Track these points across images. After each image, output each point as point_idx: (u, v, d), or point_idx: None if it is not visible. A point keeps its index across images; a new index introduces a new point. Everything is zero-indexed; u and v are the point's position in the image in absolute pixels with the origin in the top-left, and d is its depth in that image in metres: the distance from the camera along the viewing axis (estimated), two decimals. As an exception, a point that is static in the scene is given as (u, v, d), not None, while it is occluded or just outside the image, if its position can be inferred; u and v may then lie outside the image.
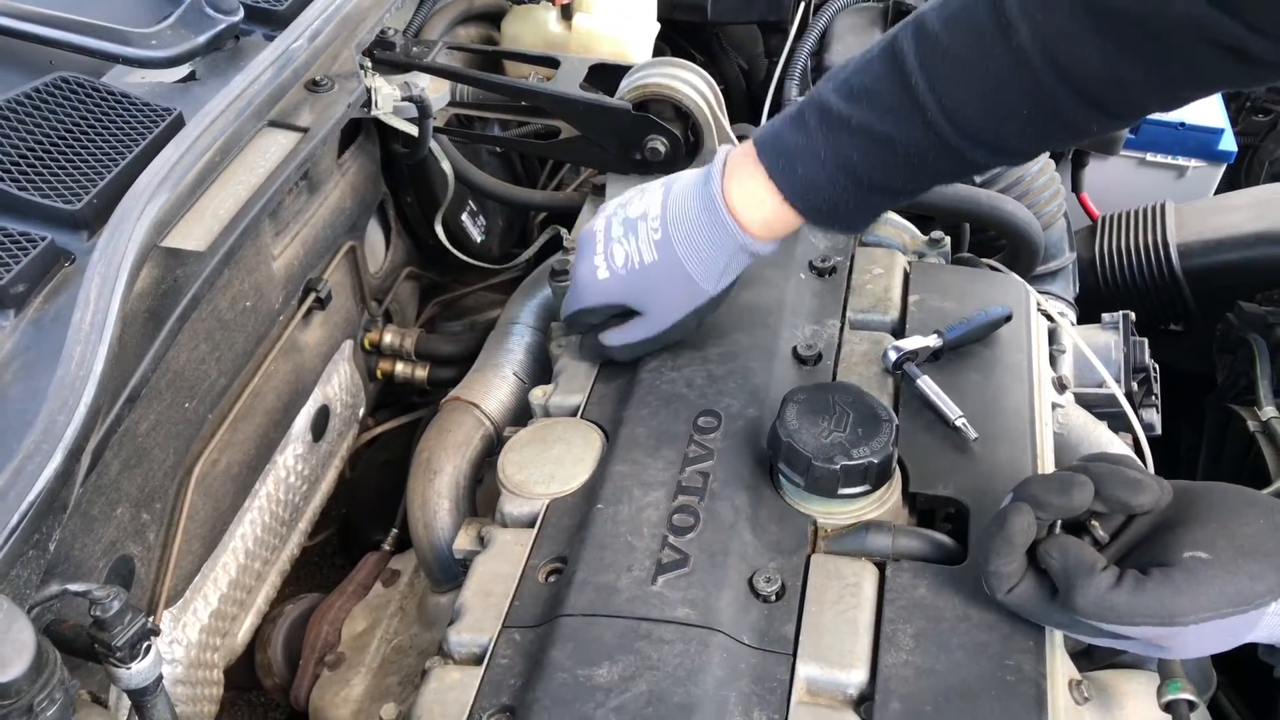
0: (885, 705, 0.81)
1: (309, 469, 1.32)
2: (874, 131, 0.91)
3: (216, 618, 1.16)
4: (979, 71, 0.87)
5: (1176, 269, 1.54)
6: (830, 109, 0.94)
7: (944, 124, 0.89)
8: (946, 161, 0.92)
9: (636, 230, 1.02)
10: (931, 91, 0.88)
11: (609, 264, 1.03)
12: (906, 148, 0.91)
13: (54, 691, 0.67)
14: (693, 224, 1.00)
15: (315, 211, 1.24)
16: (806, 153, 0.95)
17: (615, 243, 1.03)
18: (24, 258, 0.83)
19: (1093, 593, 0.78)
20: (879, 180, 0.94)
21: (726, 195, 0.98)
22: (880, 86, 0.91)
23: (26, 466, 0.68)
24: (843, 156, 0.93)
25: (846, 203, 0.96)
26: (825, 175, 0.94)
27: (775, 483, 0.98)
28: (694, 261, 1.01)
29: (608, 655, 0.85)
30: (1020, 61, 0.85)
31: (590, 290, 1.06)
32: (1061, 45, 0.83)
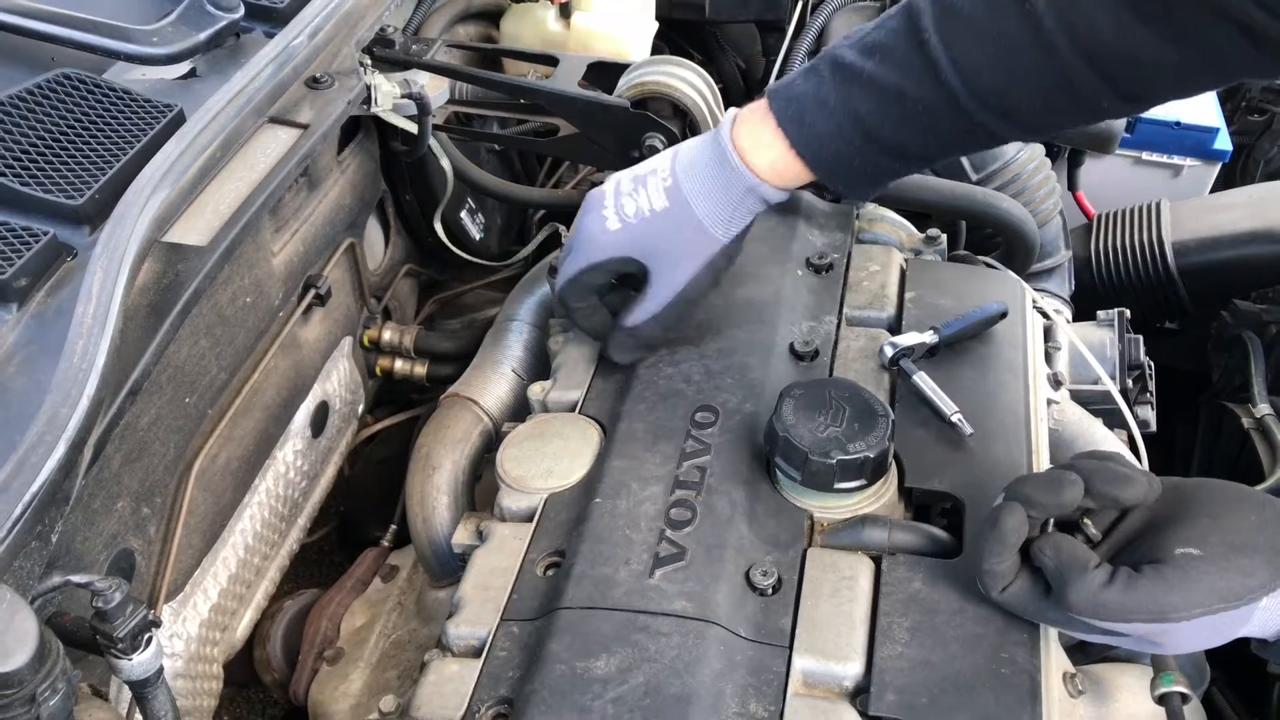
0: (881, 697, 0.82)
1: (308, 465, 1.32)
2: (885, 84, 0.92)
3: (216, 612, 1.16)
4: (993, 33, 0.88)
5: (1172, 267, 1.55)
6: (843, 61, 0.95)
7: (956, 82, 0.90)
8: (955, 122, 0.92)
9: (646, 183, 1.02)
10: (945, 49, 0.89)
11: (620, 215, 1.02)
12: (916, 102, 0.92)
13: (56, 682, 0.67)
14: (702, 168, 1.01)
15: (315, 208, 1.25)
16: (815, 101, 0.96)
17: (625, 196, 1.03)
18: (26, 252, 0.83)
19: (1086, 590, 0.78)
20: (886, 135, 0.94)
21: (735, 139, 0.99)
22: (894, 42, 0.92)
23: (30, 458, 0.68)
24: (851, 106, 0.94)
25: (852, 159, 0.96)
26: (833, 125, 0.95)
27: (772, 477, 0.99)
28: (703, 203, 1.00)
29: (605, 647, 0.85)
30: (1035, 26, 0.85)
31: (597, 244, 1.04)
32: (1077, 12, 0.84)
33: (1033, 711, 0.80)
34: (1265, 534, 0.78)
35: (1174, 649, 0.82)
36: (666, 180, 1.02)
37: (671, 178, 1.01)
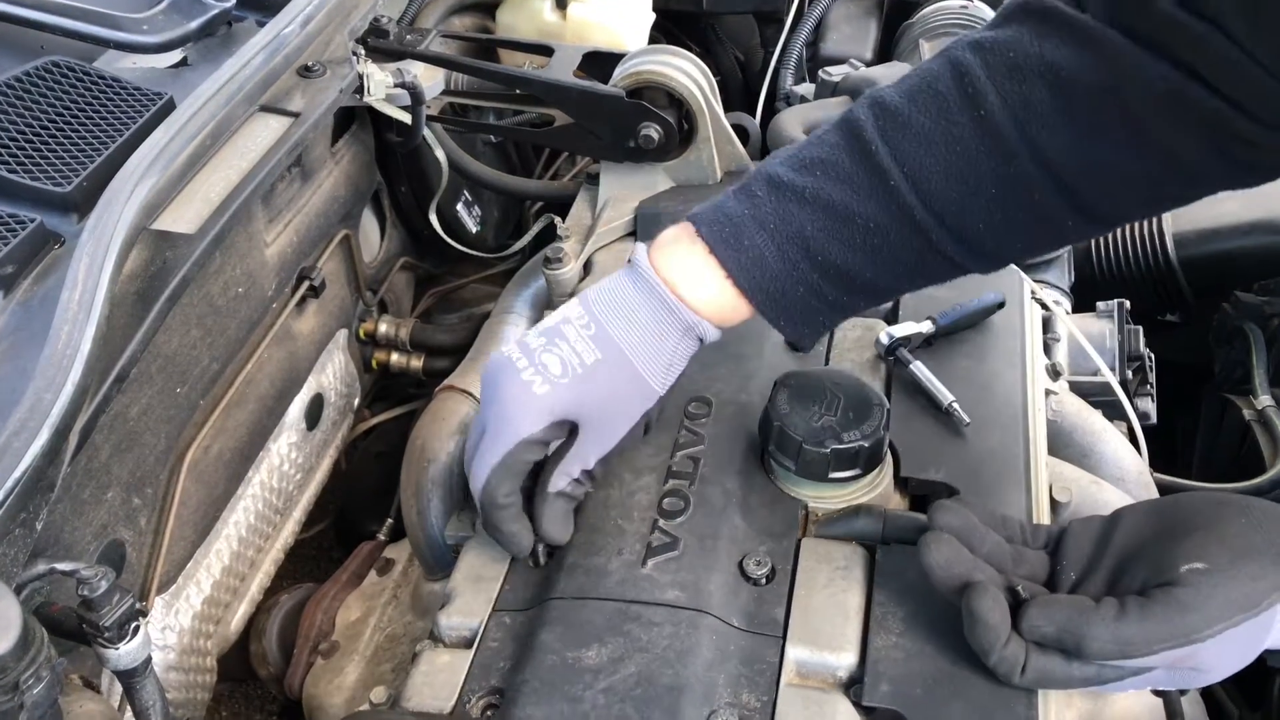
0: (875, 687, 0.81)
1: (303, 458, 1.31)
2: (831, 201, 0.83)
3: (210, 605, 1.16)
4: (944, 140, 0.80)
5: (1172, 258, 1.53)
6: (779, 179, 0.85)
7: (908, 192, 0.81)
8: (910, 241, 0.83)
9: (563, 334, 0.89)
10: (894, 159, 0.81)
11: (544, 375, 0.87)
12: (866, 220, 0.83)
13: (40, 669, 0.67)
14: (629, 309, 0.88)
15: (309, 199, 1.24)
16: (753, 221, 0.85)
17: (542, 353, 0.88)
18: (13, 239, 0.83)
19: (1104, 632, 0.74)
20: (834, 258, 0.84)
21: (660, 270, 0.87)
22: (835, 156, 0.83)
23: (12, 444, 0.68)
24: (794, 227, 0.84)
25: (796, 287, 0.85)
26: (775, 247, 0.84)
27: (766, 468, 0.98)
28: (639, 351, 0.88)
29: (597, 637, 0.85)
30: (989, 131, 0.79)
31: (524, 414, 0.87)
32: (1033, 119, 0.77)
33: (1029, 702, 0.80)
34: (1261, 535, 0.76)
35: (1211, 676, 0.77)
36: (589, 328, 0.88)
37: (594, 324, 0.88)
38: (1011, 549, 0.82)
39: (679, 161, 1.29)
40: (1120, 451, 1.14)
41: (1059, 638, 0.76)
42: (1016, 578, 0.81)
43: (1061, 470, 1.07)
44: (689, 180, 1.30)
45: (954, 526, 0.81)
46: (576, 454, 0.90)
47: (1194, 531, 0.77)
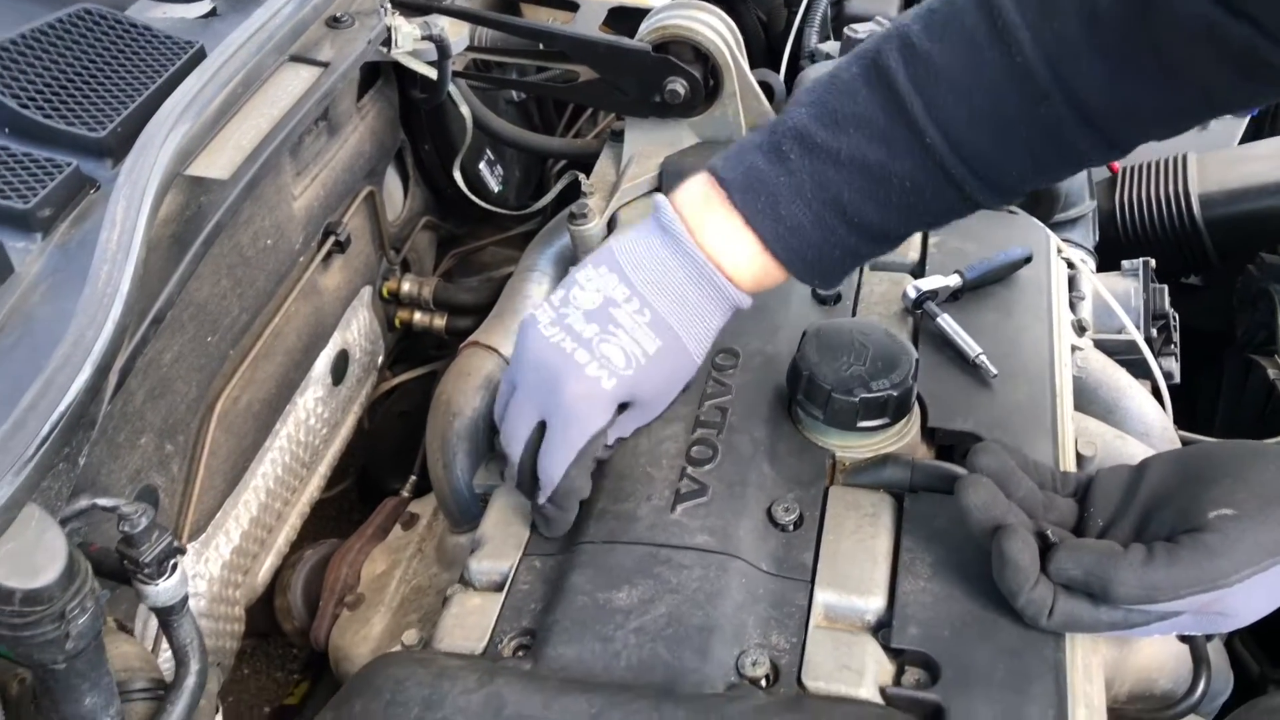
0: (903, 630, 0.82)
1: (329, 412, 1.33)
2: (868, 163, 0.81)
3: (238, 554, 1.17)
4: (974, 85, 0.79)
5: (1198, 218, 1.53)
6: (812, 138, 0.82)
7: (944, 150, 0.80)
8: (945, 195, 0.83)
9: (617, 321, 0.87)
10: (928, 114, 0.79)
11: (610, 370, 0.87)
12: (904, 180, 0.82)
13: (85, 600, 0.68)
14: (676, 286, 0.87)
15: (335, 154, 1.24)
16: (789, 190, 0.83)
17: (601, 344, 0.87)
18: (50, 183, 0.84)
19: (1131, 576, 0.74)
20: (871, 220, 0.84)
21: (707, 249, 0.86)
22: (871, 112, 0.81)
23: (56, 378, 0.69)
24: (831, 193, 0.82)
25: (833, 249, 0.85)
26: (811, 215, 0.83)
27: (793, 417, 0.99)
28: (689, 330, 0.89)
29: (627, 579, 0.86)
30: (1020, 73, 0.77)
31: (594, 410, 0.87)
32: (1066, 56, 0.76)
33: (1056, 645, 0.80)
34: None
35: (1237, 621, 0.78)
36: (643, 313, 0.87)
37: (647, 308, 0.87)
38: (1042, 495, 0.83)
39: (704, 117, 1.29)
40: (1145, 407, 1.15)
41: (1086, 581, 0.76)
42: (1046, 523, 0.81)
43: (1086, 425, 1.07)
44: (714, 137, 1.30)
45: (992, 469, 0.81)
46: (620, 427, 0.93)
47: (1223, 479, 0.78)
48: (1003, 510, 0.79)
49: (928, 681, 0.79)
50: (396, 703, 0.79)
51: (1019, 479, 0.82)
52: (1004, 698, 0.77)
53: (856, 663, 0.80)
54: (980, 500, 0.79)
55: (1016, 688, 0.77)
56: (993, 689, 0.77)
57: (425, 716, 0.77)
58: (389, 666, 0.83)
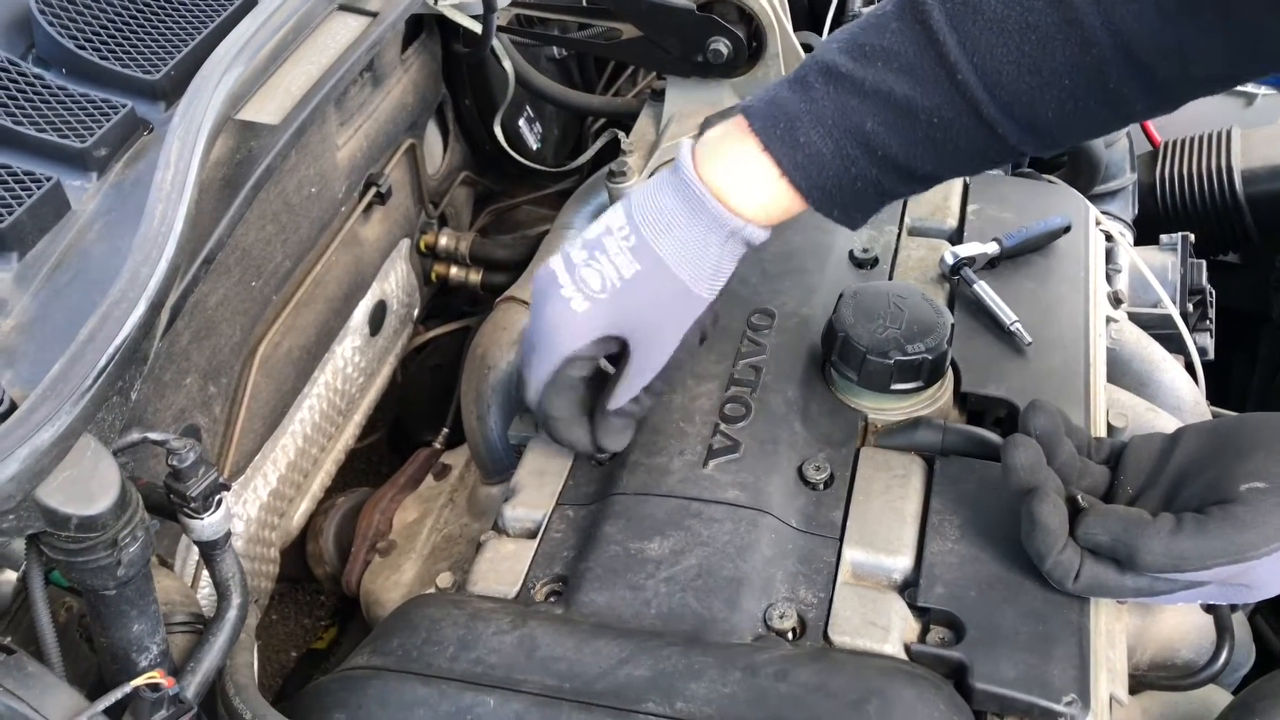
0: (930, 589, 0.83)
1: (365, 362, 1.35)
2: (893, 95, 0.79)
3: (275, 497, 1.20)
4: (1020, 26, 0.75)
5: (1239, 194, 1.51)
6: (837, 69, 0.80)
7: (977, 87, 0.77)
8: (975, 135, 0.80)
9: (603, 246, 0.87)
10: (963, 49, 0.76)
11: (584, 291, 0.87)
12: (930, 115, 0.79)
13: (136, 529, 0.70)
14: (669, 217, 0.85)
15: (378, 105, 1.25)
16: (810, 117, 0.81)
17: (583, 268, 0.87)
18: (106, 123, 0.85)
19: (1158, 545, 0.75)
20: (895, 154, 0.81)
21: (704, 175, 0.84)
22: (900, 46, 0.79)
23: (113, 313, 0.70)
24: (853, 122, 0.80)
25: (854, 181, 0.83)
26: (832, 144, 0.81)
27: (827, 379, 1.00)
28: (681, 260, 0.86)
29: (659, 531, 0.87)
30: (1068, 18, 0.74)
31: (567, 331, 0.88)
32: (1118, 2, 0.73)
33: (1080, 610, 0.81)
34: None
35: (1262, 593, 0.79)
36: (628, 239, 0.86)
37: (634, 234, 0.86)
38: (1077, 460, 0.83)
39: (746, 78, 1.29)
40: (1178, 381, 1.15)
41: (1113, 547, 0.77)
42: (1077, 489, 0.82)
43: (1119, 397, 1.07)
44: (755, 98, 1.30)
45: (1043, 428, 0.82)
46: (632, 370, 0.90)
47: (1256, 451, 0.78)
48: (1043, 474, 0.80)
49: (952, 640, 0.81)
50: (432, 641, 0.81)
51: (1063, 443, 0.83)
52: (1027, 659, 0.78)
53: (883, 619, 0.81)
54: (1024, 461, 0.80)
55: (1040, 650, 0.78)
56: (1016, 650, 0.78)
57: (460, 655, 0.79)
58: (425, 607, 0.85)
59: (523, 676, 0.77)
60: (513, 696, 0.75)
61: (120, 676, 0.74)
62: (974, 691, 0.77)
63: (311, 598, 1.60)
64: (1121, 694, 0.84)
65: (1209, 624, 0.92)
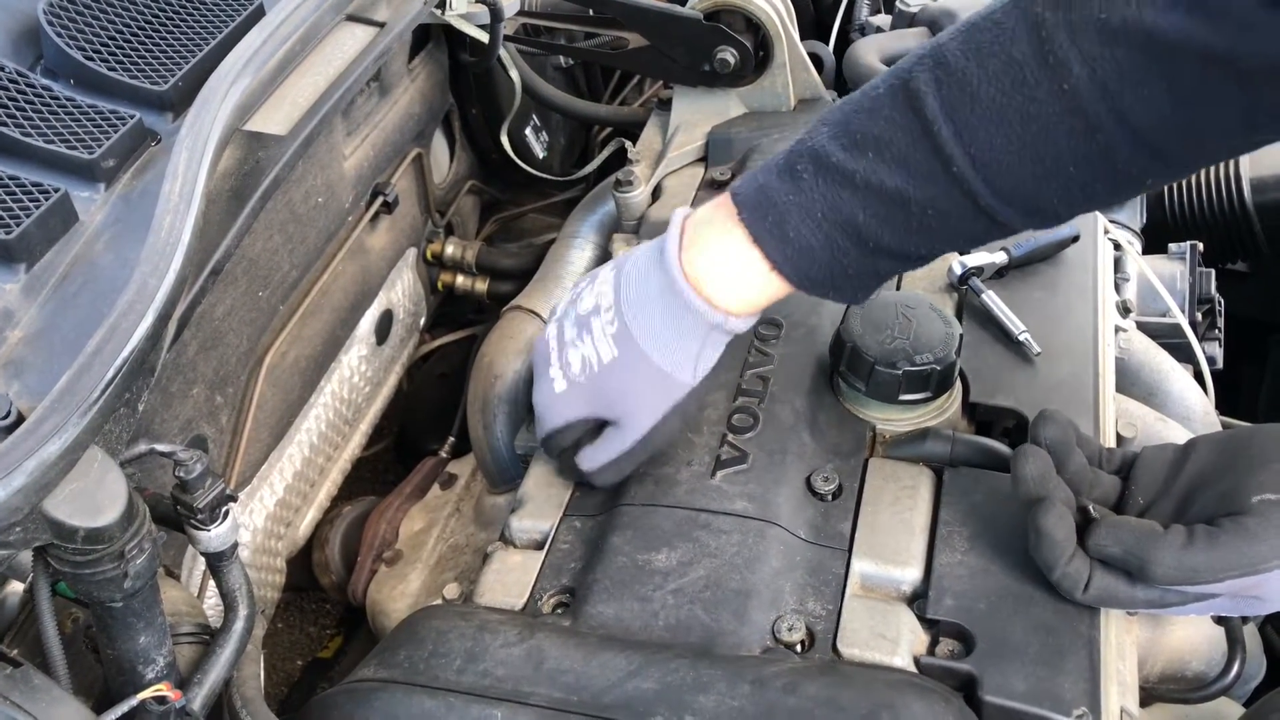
0: (939, 601, 0.82)
1: (372, 371, 1.34)
2: (885, 188, 0.77)
3: (281, 507, 1.19)
4: (1018, 118, 0.72)
5: (1248, 202, 1.51)
6: (828, 159, 0.78)
7: (973, 179, 0.75)
8: (973, 222, 0.78)
9: (590, 328, 0.89)
10: (959, 140, 0.74)
11: (566, 373, 0.90)
12: (925, 206, 0.77)
13: (143, 541, 0.70)
14: (651, 309, 0.86)
15: (385, 115, 1.25)
16: (799, 210, 0.79)
17: (569, 347, 0.90)
18: (114, 134, 0.85)
19: (1170, 557, 0.75)
20: (888, 243, 0.80)
21: (688, 268, 0.83)
22: (892, 134, 0.76)
23: (121, 324, 0.70)
24: (844, 215, 0.78)
25: (845, 270, 0.81)
26: (822, 236, 0.79)
27: (835, 389, 0.99)
28: (661, 353, 0.86)
29: (666, 542, 0.87)
30: (1072, 107, 0.71)
31: (552, 409, 0.93)
32: (1127, 89, 0.69)
33: (1090, 623, 0.81)
34: None
35: (1273, 604, 0.78)
36: (612, 325, 0.87)
37: (617, 320, 0.87)
38: (1089, 471, 0.83)
39: (753, 87, 1.29)
40: (1187, 391, 1.14)
41: (1124, 559, 0.77)
42: (1088, 500, 0.82)
43: (1128, 406, 1.07)
44: (763, 107, 1.30)
45: (1052, 438, 0.82)
46: (607, 441, 0.91)
47: (1269, 463, 0.77)
48: (1053, 485, 0.80)
49: (961, 652, 0.80)
50: (439, 654, 0.80)
51: (1074, 453, 0.82)
52: (1037, 671, 0.77)
53: (892, 631, 0.81)
54: (1034, 472, 0.80)
55: (1050, 662, 0.78)
56: (1026, 662, 0.78)
57: (468, 668, 0.79)
58: (432, 618, 0.85)
59: (530, 689, 0.77)
60: (520, 709, 0.75)
61: (126, 689, 0.74)
62: (983, 705, 0.77)
63: (317, 606, 1.59)
64: (1132, 707, 0.83)
65: (1219, 635, 0.91)
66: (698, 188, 1.25)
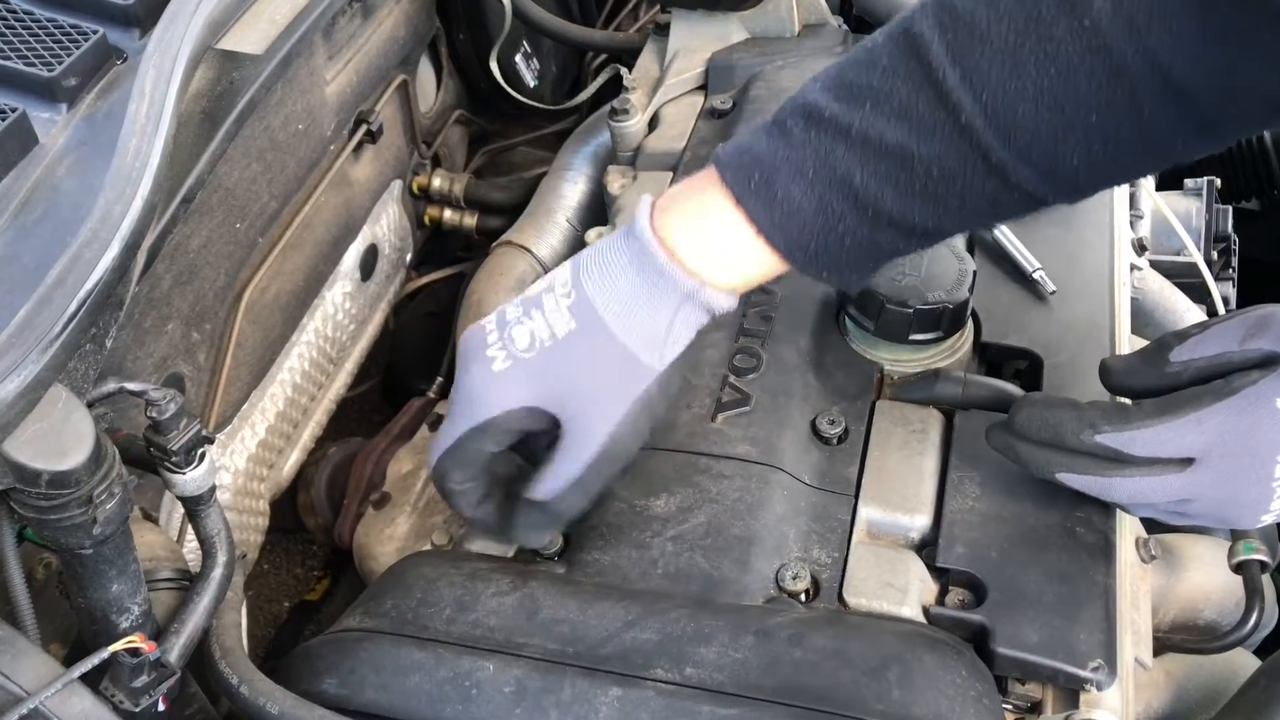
0: (949, 549, 0.79)
1: (356, 308, 1.30)
2: (885, 142, 0.69)
3: (264, 448, 1.16)
4: (1033, 60, 0.65)
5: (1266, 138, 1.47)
6: (821, 112, 0.70)
7: (984, 130, 0.67)
8: (983, 185, 0.70)
9: (541, 304, 0.75)
10: (968, 86, 0.66)
11: (509, 350, 0.75)
12: (929, 164, 0.69)
13: (113, 485, 0.66)
14: (616, 273, 0.74)
15: (369, 38, 1.20)
16: (788, 167, 0.71)
17: (513, 326, 0.76)
18: (75, 50, 0.80)
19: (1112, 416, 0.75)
20: (888, 207, 0.71)
21: (660, 231, 0.73)
22: (892, 84, 0.68)
23: (84, 254, 0.66)
24: (838, 172, 0.70)
25: (842, 239, 0.72)
26: (814, 197, 0.70)
27: (841, 328, 0.95)
28: (624, 325, 0.73)
29: (665, 487, 0.84)
30: (1094, 45, 0.64)
31: (482, 397, 0.75)
32: (1155, 20, 0.63)
33: (1107, 571, 0.78)
34: None
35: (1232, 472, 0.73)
36: (568, 296, 0.74)
37: (575, 290, 0.74)
38: None
39: (756, 11, 1.23)
40: (1202, 332, 1.10)
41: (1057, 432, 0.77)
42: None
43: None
44: (765, 32, 1.25)
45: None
46: (563, 451, 0.76)
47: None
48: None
49: (972, 602, 0.78)
50: (428, 602, 0.77)
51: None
52: (1051, 622, 0.75)
53: (900, 580, 0.78)
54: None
55: (1065, 613, 0.75)
56: (1040, 612, 0.75)
57: (458, 617, 0.76)
58: (420, 565, 0.82)
59: (524, 640, 0.73)
60: (513, 661, 0.72)
61: (100, 639, 0.70)
62: (995, 656, 0.74)
63: (304, 548, 1.57)
64: (1146, 657, 0.81)
65: (1234, 584, 0.89)
66: (697, 116, 1.20)
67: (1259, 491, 0.72)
